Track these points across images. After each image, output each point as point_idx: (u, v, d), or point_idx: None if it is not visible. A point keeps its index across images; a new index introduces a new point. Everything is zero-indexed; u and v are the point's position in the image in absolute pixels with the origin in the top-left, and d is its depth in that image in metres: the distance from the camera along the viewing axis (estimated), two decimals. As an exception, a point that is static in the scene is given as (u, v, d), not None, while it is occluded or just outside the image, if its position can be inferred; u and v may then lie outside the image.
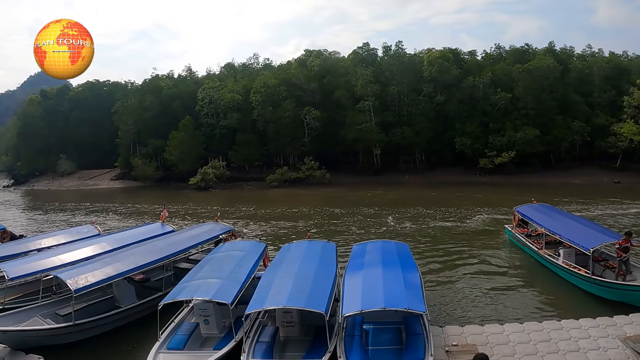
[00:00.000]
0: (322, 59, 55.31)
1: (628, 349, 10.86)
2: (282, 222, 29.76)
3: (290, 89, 52.54)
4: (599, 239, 15.41)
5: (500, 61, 55.33)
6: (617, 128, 50.48)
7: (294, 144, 51.35)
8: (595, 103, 52.45)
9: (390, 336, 11.02)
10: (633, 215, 29.21)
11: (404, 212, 31.35)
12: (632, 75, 53.29)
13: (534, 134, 48.59)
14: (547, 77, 50.59)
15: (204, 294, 11.03)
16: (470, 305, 14.78)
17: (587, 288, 15.03)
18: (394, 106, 51.81)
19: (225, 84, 56.18)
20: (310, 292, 10.74)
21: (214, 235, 18.10)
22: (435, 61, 50.81)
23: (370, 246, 14.88)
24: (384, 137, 49.84)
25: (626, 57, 59.48)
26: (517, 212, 21.61)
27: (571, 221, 18.46)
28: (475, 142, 49.24)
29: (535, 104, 49.99)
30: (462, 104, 50.60)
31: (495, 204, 33.27)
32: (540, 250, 18.17)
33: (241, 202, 40.06)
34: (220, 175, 51.50)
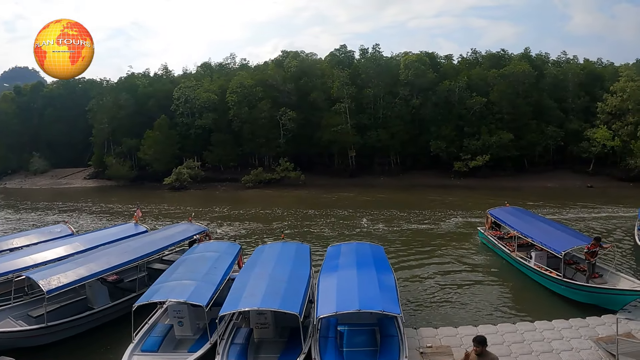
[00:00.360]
0: (299, 60, 55.06)
1: (600, 349, 11.08)
2: (256, 223, 29.72)
3: (267, 90, 52.24)
4: (570, 242, 15.72)
5: (476, 66, 55.72)
6: (590, 133, 51.26)
7: (270, 144, 51.07)
8: (569, 108, 53.12)
9: (364, 338, 11.08)
10: (604, 218, 29.78)
11: (378, 214, 31.47)
12: (605, 82, 54.18)
13: (508, 138, 49.09)
14: (522, 83, 51.21)
15: (179, 295, 10.96)
16: (444, 307, 14.93)
17: (558, 290, 15.25)
18: (369, 109, 51.85)
19: (202, 83, 55.60)
20: (285, 293, 10.76)
21: (188, 235, 18.11)
22: (412, 65, 50.95)
23: (344, 248, 14.96)
24: (359, 139, 49.83)
25: (600, 64, 60.37)
26: (490, 214, 21.90)
27: (543, 224, 18.78)
28: (450, 145, 49.51)
29: (510, 109, 50.50)
30: (437, 108, 50.86)
31: (469, 207, 33.65)
32: (512, 253, 18.46)
33: (216, 202, 39.79)
34: (195, 176, 50.97)
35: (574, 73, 53.92)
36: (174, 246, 17.62)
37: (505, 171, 50.23)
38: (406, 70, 51.02)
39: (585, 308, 13.76)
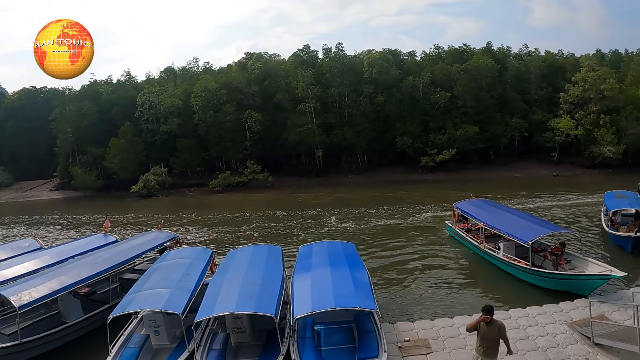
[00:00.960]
0: (263, 62, 54.81)
1: (575, 333, 11.35)
2: (226, 227, 29.52)
3: (231, 93, 51.85)
4: (536, 231, 15.98)
5: (439, 61, 56.18)
6: (553, 123, 52.12)
7: (236, 147, 50.68)
8: (532, 100, 53.92)
9: (342, 335, 11.11)
10: (570, 205, 30.46)
11: (347, 212, 31.55)
12: (567, 73, 55.21)
13: (473, 132, 49.63)
14: (485, 76, 51.78)
15: (154, 304, 10.80)
16: (419, 300, 15.05)
17: (528, 279, 15.46)
18: (334, 108, 51.80)
19: (165, 88, 54.88)
20: (259, 296, 10.72)
21: (159, 243, 17.99)
22: (375, 62, 51.10)
23: (316, 247, 14.96)
24: (325, 139, 49.78)
25: (561, 56, 61.45)
26: (457, 208, 22.18)
27: (509, 215, 19.02)
28: (416, 141, 49.81)
29: (474, 102, 51.08)
30: (402, 104, 51.06)
31: (437, 200, 33.93)
32: (480, 245, 18.68)
33: (185, 208, 39.37)
34: (163, 182, 50.30)
35: (535, 65, 54.69)
36: (144, 255, 17.45)
37: (472, 164, 50.70)
38: (370, 68, 51.17)
39: (557, 294, 13.91)
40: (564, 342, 10.96)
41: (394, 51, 57.25)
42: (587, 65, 53.64)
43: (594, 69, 53.29)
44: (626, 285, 14.99)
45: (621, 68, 59.80)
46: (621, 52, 65.47)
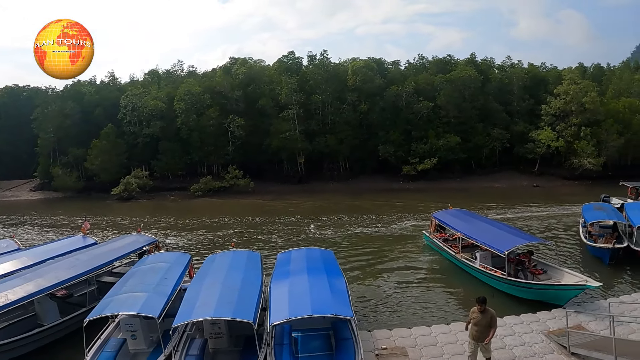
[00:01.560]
0: (247, 67, 54.69)
1: (552, 342, 11.44)
2: (206, 232, 29.46)
3: (215, 97, 51.70)
4: (513, 241, 16.08)
5: (423, 71, 56.69)
6: (535, 135, 52.65)
7: (218, 152, 50.51)
8: (514, 111, 54.43)
9: (319, 342, 11.01)
10: (550, 216, 30.94)
11: (327, 220, 31.68)
12: (549, 85, 55.86)
13: (455, 141, 49.97)
14: (468, 87, 52.19)
15: (130, 308, 10.78)
16: (396, 309, 15.14)
17: (504, 289, 15.52)
18: (318, 115, 51.87)
19: (149, 91, 54.60)
20: (237, 302, 10.69)
21: (138, 247, 17.96)
22: (360, 70, 51.35)
23: (295, 254, 14.99)
24: (308, 146, 49.84)
25: (544, 68, 62.18)
26: (434, 217, 22.28)
27: (486, 225, 19.15)
28: (399, 149, 50.04)
29: (456, 113, 51.45)
30: (385, 113, 51.36)
31: (417, 209, 34.07)
32: (457, 254, 18.77)
33: (165, 212, 39.18)
34: (144, 185, 49.94)
35: (518, 77, 55.28)
36: (123, 258, 17.39)
37: (454, 173, 51.07)
38: (354, 76, 51.42)
39: (534, 304, 14.03)
40: (541, 352, 11.07)
41: (379, 60, 57.70)
42: (569, 78, 54.22)
43: (576, 82, 53.89)
44: (603, 295, 15.25)
45: (603, 81, 60.64)
46: (603, 66, 66.57)
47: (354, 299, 14.06)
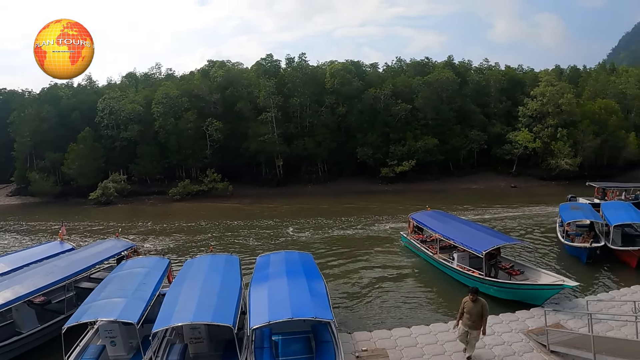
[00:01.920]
0: (225, 70, 54.43)
1: (531, 341, 11.63)
2: (185, 236, 29.37)
3: (193, 100, 51.42)
4: (490, 242, 16.32)
5: (401, 73, 56.97)
6: (512, 136, 53.24)
7: (196, 156, 50.24)
8: (491, 113, 54.97)
9: (299, 346, 11.04)
10: (527, 216, 31.71)
11: (306, 222, 31.81)
12: (526, 87, 56.54)
13: (433, 143, 50.34)
14: (445, 89, 52.61)
15: (109, 314, 10.69)
16: (376, 310, 15.27)
17: (481, 289, 15.39)
18: (296, 117, 51.90)
19: (127, 94, 54.13)
20: (217, 306, 10.65)
21: (116, 252, 17.87)
22: (338, 73, 51.52)
23: (274, 257, 14.96)
24: (286, 149, 49.77)
25: (521, 70, 62.97)
26: (412, 219, 22.60)
27: (464, 226, 19.51)
28: (377, 151, 50.25)
29: (434, 115, 51.80)
30: (363, 115, 51.56)
31: (396, 211, 34.27)
32: (435, 255, 19.01)
33: (143, 216, 38.96)
34: (122, 190, 49.41)
35: (495, 79, 55.90)
36: (101, 263, 17.25)
37: (432, 175, 51.45)
38: (332, 79, 51.56)
39: (512, 304, 14.19)
40: (520, 351, 11.21)
41: (357, 62, 57.98)
42: (545, 80, 54.99)
43: (553, 83, 54.67)
44: (581, 294, 15.53)
45: (579, 83, 61.54)
46: (579, 68, 67.48)
47: (333, 301, 14.13)
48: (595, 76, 63.28)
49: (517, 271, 16.12)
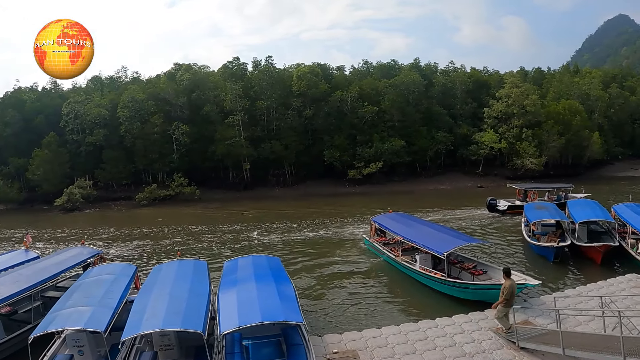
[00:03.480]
0: (192, 73, 54.11)
1: (501, 338, 11.78)
2: (152, 241, 29.13)
3: (159, 104, 51.01)
4: (452, 243, 16.40)
5: (367, 76, 57.45)
6: (478, 137, 54.03)
7: (163, 160, 49.86)
8: (457, 114, 55.75)
9: (270, 349, 11.01)
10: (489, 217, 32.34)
11: (273, 226, 31.92)
12: (491, 89, 57.48)
13: (400, 145, 50.80)
14: (412, 91, 53.19)
15: (76, 323, 10.45)
16: (345, 313, 15.37)
17: (444, 290, 15.80)
18: (263, 121, 51.83)
19: (92, 98, 53.44)
20: (186, 312, 10.56)
21: (82, 259, 17.57)
22: (304, 76, 51.60)
23: (241, 262, 14.90)
24: (253, 152, 49.68)
25: (486, 72, 64.08)
26: (374, 221, 22.58)
27: (425, 227, 19.56)
28: (344, 154, 50.51)
29: (401, 117, 52.32)
30: (330, 118, 51.82)
31: (363, 213, 34.39)
32: (397, 258, 19.01)
33: (109, 222, 38.52)
34: (87, 196, 48.75)
35: (461, 81, 56.71)
36: (68, 271, 16.94)
37: (399, 176, 51.99)
38: (299, 82, 51.62)
39: (481, 303, 14.26)
40: (490, 348, 11.33)
41: (323, 65, 58.12)
42: (510, 82, 56.05)
43: (518, 85, 55.74)
44: (548, 291, 15.84)
45: (543, 85, 62.84)
46: (544, 70, 68.93)
47: (302, 304, 14.13)
48: (559, 78, 64.71)
49: (479, 271, 16.24)
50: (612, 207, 23.23)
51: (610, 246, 19.49)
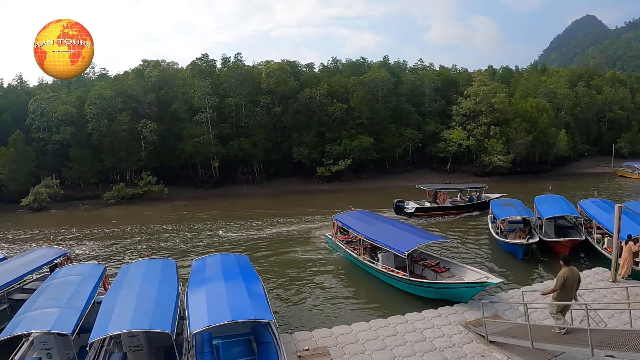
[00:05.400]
0: (160, 70, 53.65)
1: (470, 332, 11.95)
2: (120, 241, 28.88)
3: (127, 101, 50.54)
4: (413, 241, 16.27)
5: (336, 73, 57.68)
6: (446, 134, 54.71)
7: (131, 158, 49.40)
8: (426, 112, 56.43)
9: (241, 348, 10.90)
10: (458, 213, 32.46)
11: (241, 224, 31.93)
12: (460, 87, 58.29)
13: (369, 142, 51.18)
14: (381, 89, 53.64)
15: (43, 325, 10.24)
16: (314, 310, 15.41)
17: (407, 289, 15.75)
18: (231, 118, 51.71)
19: (59, 94, 52.65)
20: (154, 312, 10.42)
21: (49, 260, 17.23)
22: (273, 73, 51.66)
23: (209, 260, 14.80)
24: (221, 149, 49.51)
25: (455, 71, 65.03)
26: (336, 220, 22.31)
27: (388, 225, 19.33)
28: (313, 151, 50.73)
29: (370, 114, 52.69)
30: (299, 115, 52.02)
31: (331, 210, 34.54)
32: (359, 257, 18.82)
33: (77, 222, 38.01)
34: (55, 195, 48.06)
35: (430, 79, 57.45)
36: (34, 273, 16.59)
37: (368, 173, 52.39)
38: (268, 79, 51.66)
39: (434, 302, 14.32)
40: (460, 342, 11.50)
41: (293, 62, 58.36)
42: (479, 80, 56.87)
43: (486, 83, 56.58)
44: (517, 285, 16.05)
45: (511, 83, 63.98)
46: (512, 68, 70.17)
47: (272, 302, 14.09)
48: (527, 76, 65.96)
49: (443, 268, 16.18)
50: (578, 203, 23.53)
51: (576, 241, 19.84)
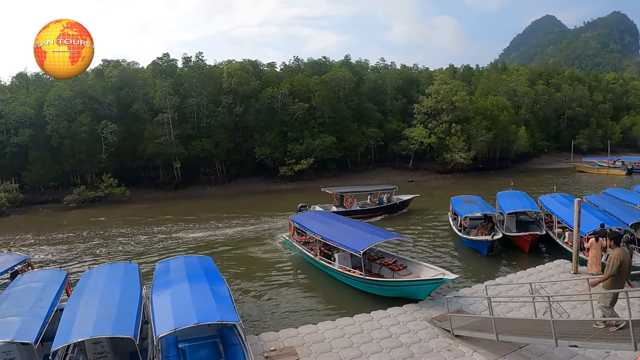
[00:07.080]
0: (120, 70, 53.06)
1: (436, 327, 12.22)
2: (82, 245, 28.52)
3: (87, 102, 49.91)
4: (368, 240, 16.42)
5: (298, 73, 58.05)
6: (408, 132, 55.71)
7: (91, 160, 48.88)
8: (388, 110, 57.31)
9: (208, 351, 10.86)
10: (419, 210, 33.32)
11: (203, 225, 32.10)
12: (421, 85, 59.35)
13: (331, 141, 51.79)
14: (342, 88, 54.25)
15: (5, 334, 9.95)
16: (278, 311, 15.48)
17: (364, 288, 15.82)
18: (193, 118, 51.58)
19: (17, 96, 51.80)
20: (117, 317, 10.24)
21: (9, 267, 16.82)
22: (235, 73, 51.74)
23: (173, 263, 14.65)
24: (183, 150, 49.31)
25: (416, 69, 66.06)
26: (292, 221, 22.45)
27: (344, 225, 19.42)
28: (275, 151, 51.07)
29: (331, 113, 53.30)
30: (261, 115, 52.16)
31: (292, 210, 34.84)
32: (316, 257, 18.93)
33: (37, 227, 37.41)
34: (14, 199, 47.20)
35: (391, 78, 58.32)
36: None
37: (330, 172, 53.00)
38: (229, 79, 51.70)
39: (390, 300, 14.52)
40: (426, 337, 11.73)
41: (254, 62, 58.34)
42: (440, 79, 58.06)
43: (447, 82, 57.81)
44: (481, 280, 16.41)
45: (472, 81, 65.37)
46: (472, 67, 71.54)
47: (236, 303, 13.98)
48: (487, 75, 67.45)
49: (400, 266, 16.34)
50: (538, 198, 24.03)
51: (537, 235, 20.45)
